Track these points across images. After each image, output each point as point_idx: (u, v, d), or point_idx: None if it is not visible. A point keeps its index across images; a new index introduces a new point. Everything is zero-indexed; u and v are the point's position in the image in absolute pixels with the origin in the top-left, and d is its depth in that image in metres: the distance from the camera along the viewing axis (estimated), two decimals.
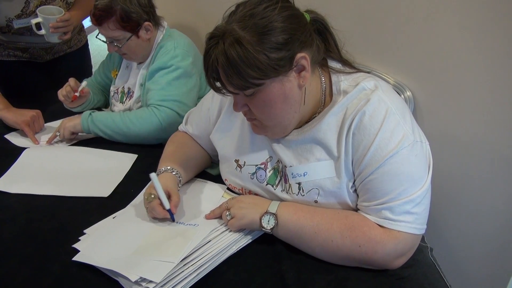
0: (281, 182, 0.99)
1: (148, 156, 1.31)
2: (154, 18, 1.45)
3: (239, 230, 0.95)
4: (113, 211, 1.06)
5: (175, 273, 0.83)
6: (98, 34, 1.44)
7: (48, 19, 1.52)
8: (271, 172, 1.00)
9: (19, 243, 0.97)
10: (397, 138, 0.84)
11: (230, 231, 0.95)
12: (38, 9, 1.54)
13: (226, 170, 1.09)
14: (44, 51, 1.78)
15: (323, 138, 0.91)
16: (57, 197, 1.13)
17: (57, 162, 1.29)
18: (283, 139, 0.96)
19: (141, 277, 0.81)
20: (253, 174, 1.02)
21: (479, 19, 1.04)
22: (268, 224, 0.91)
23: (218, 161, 1.13)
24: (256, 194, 1.03)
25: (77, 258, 0.89)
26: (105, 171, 1.25)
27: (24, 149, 1.34)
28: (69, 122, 1.39)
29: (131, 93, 1.53)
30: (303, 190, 0.94)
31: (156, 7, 1.47)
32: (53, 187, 1.16)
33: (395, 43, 1.22)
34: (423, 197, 0.85)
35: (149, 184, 1.04)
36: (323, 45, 0.92)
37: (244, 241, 0.94)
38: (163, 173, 1.06)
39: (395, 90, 1.11)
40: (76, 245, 0.94)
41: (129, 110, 1.52)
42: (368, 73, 0.95)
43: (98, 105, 1.67)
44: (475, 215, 1.24)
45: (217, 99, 1.10)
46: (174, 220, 0.99)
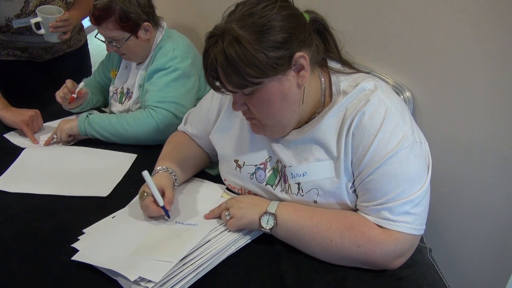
0: (280, 182, 0.99)
1: (147, 156, 1.31)
2: (153, 18, 1.44)
3: (238, 230, 0.95)
4: (112, 210, 1.06)
5: (174, 273, 0.83)
6: (97, 33, 1.43)
7: (47, 18, 1.52)
8: (271, 172, 1.00)
9: (18, 243, 0.97)
10: (397, 138, 0.84)
11: (229, 231, 0.95)
12: (37, 8, 1.54)
13: (225, 170, 1.09)
14: (43, 50, 1.77)
15: (323, 138, 0.91)
16: (56, 196, 1.13)
17: (56, 161, 1.28)
18: (283, 139, 0.96)
19: (140, 277, 0.81)
20: (252, 174, 1.02)
21: (479, 20, 1.04)
22: (267, 224, 0.91)
23: (217, 161, 1.13)
24: (255, 194, 1.03)
25: (76, 257, 0.89)
26: (104, 170, 1.24)
27: (23, 148, 1.34)
28: (66, 124, 1.37)
29: (130, 94, 1.53)
30: (302, 190, 0.94)
31: (155, 7, 1.47)
32: (52, 186, 1.16)
33: (394, 44, 1.23)
34: (422, 198, 0.85)
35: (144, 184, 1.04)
36: (323, 45, 0.92)
37: (243, 241, 0.94)
38: (158, 172, 1.06)
39: (394, 90, 1.12)
40: (75, 245, 0.94)
41: (128, 110, 1.52)
42: (367, 73, 0.95)
43: (97, 105, 1.67)
44: (474, 215, 1.24)
45: (216, 99, 1.10)
46: (169, 216, 0.98)
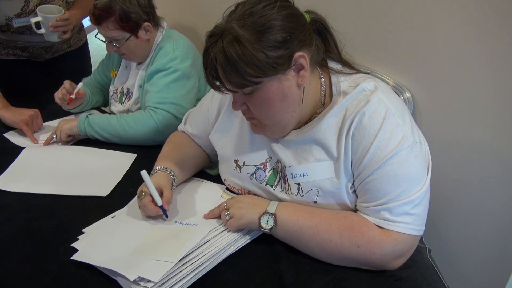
0: (280, 182, 0.99)
1: (147, 155, 1.31)
2: (153, 18, 1.44)
3: (238, 230, 0.95)
4: (112, 210, 1.05)
5: (173, 273, 0.83)
6: (97, 33, 1.43)
7: (47, 18, 1.52)
8: (270, 172, 1.00)
9: (17, 242, 0.97)
10: (397, 139, 0.84)
11: (228, 231, 0.95)
12: (37, 8, 1.53)
13: (225, 170, 1.08)
14: (43, 50, 1.77)
15: (323, 138, 0.91)
16: (56, 196, 1.13)
17: (56, 161, 1.28)
18: (283, 139, 0.96)
19: (139, 277, 0.81)
20: (252, 174, 1.02)
21: (480, 21, 1.04)
22: (267, 224, 0.91)
23: (217, 161, 1.13)
24: (255, 194, 1.03)
25: (75, 257, 0.89)
26: (104, 170, 1.24)
27: (23, 148, 1.34)
28: (66, 124, 1.37)
29: (130, 94, 1.53)
30: (302, 190, 0.94)
31: (156, 7, 1.46)
32: (52, 186, 1.16)
33: (395, 44, 1.23)
34: (422, 198, 0.85)
35: (143, 184, 1.04)
36: (323, 46, 0.92)
37: (242, 241, 0.94)
38: (157, 172, 1.06)
39: (394, 91, 1.12)
40: (74, 244, 0.94)
41: (128, 111, 1.52)
42: (367, 74, 0.95)
43: (97, 105, 1.67)
44: (474, 216, 1.24)
45: (216, 99, 1.10)
46: (167, 216, 0.98)
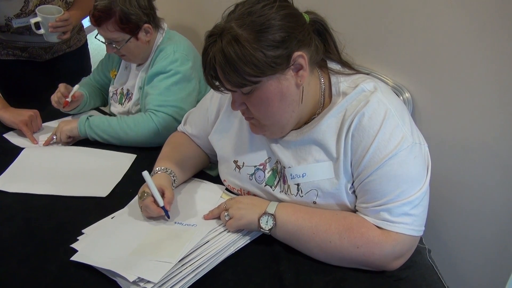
0: (279, 183, 0.99)
1: (147, 156, 1.31)
2: (154, 20, 1.43)
3: (238, 230, 0.95)
4: (111, 211, 1.06)
5: (173, 274, 0.83)
6: (97, 34, 1.43)
7: (47, 18, 1.52)
8: (270, 173, 1.00)
9: (17, 243, 0.97)
10: (396, 140, 0.84)
11: (228, 232, 0.95)
12: (37, 8, 1.53)
13: (224, 170, 1.09)
14: (43, 50, 1.77)
15: (322, 139, 0.91)
16: (56, 196, 1.12)
17: (55, 161, 1.28)
18: (282, 139, 0.96)
19: (139, 277, 0.81)
20: (251, 175, 1.02)
21: (480, 21, 1.04)
22: (266, 224, 0.91)
23: (216, 161, 1.13)
24: (254, 195, 1.03)
25: (75, 258, 0.89)
26: (103, 171, 1.24)
27: (22, 148, 1.34)
28: (66, 125, 1.37)
29: (130, 95, 1.52)
30: (301, 191, 0.94)
31: (156, 8, 1.45)
32: (51, 186, 1.16)
33: (394, 45, 1.23)
34: (421, 199, 0.85)
35: (144, 184, 1.04)
36: (322, 46, 0.92)
37: (242, 241, 0.94)
38: (157, 173, 1.06)
39: (394, 91, 1.12)
40: (74, 245, 0.94)
41: (128, 112, 1.52)
42: (367, 74, 0.95)
43: (96, 105, 1.66)
44: (474, 216, 1.24)
45: (216, 99, 1.10)
46: (169, 217, 0.99)
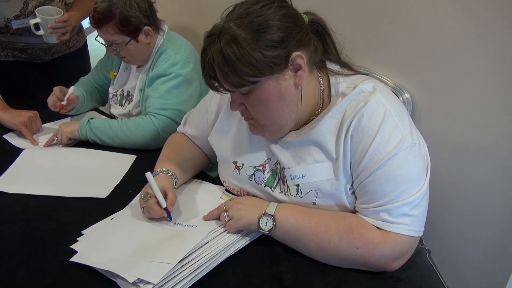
0: (279, 184, 0.99)
1: (147, 157, 1.31)
2: (154, 22, 1.42)
3: (237, 231, 0.95)
4: (111, 212, 1.05)
5: (173, 274, 0.83)
6: (97, 36, 1.43)
7: (46, 19, 1.52)
8: (269, 174, 1.00)
9: (17, 244, 0.97)
10: (395, 140, 0.84)
11: (228, 233, 0.95)
12: (36, 9, 1.53)
13: (224, 171, 1.09)
14: (43, 51, 1.77)
15: (322, 140, 0.91)
16: (55, 197, 1.12)
17: (55, 162, 1.28)
18: (281, 140, 0.96)
19: (138, 278, 0.81)
20: (251, 176, 1.02)
21: (479, 22, 1.04)
22: (266, 225, 0.91)
23: (216, 162, 1.13)
24: (254, 195, 1.03)
25: (74, 259, 0.89)
26: (103, 171, 1.24)
27: (22, 149, 1.34)
28: (67, 127, 1.37)
29: (131, 97, 1.52)
30: (301, 192, 0.94)
31: (157, 10, 1.45)
32: (51, 187, 1.16)
33: (394, 45, 1.23)
34: (421, 199, 0.85)
35: (146, 185, 1.04)
36: (322, 47, 0.92)
37: (242, 242, 0.94)
38: (158, 174, 1.06)
39: (393, 92, 1.12)
40: (74, 246, 0.94)
41: (129, 114, 1.52)
42: (366, 75, 0.95)
43: (93, 106, 1.66)
44: (474, 217, 1.24)
45: (215, 100, 1.10)
46: (171, 218, 0.99)
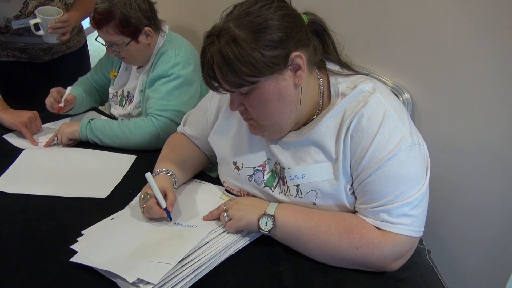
0: (279, 184, 0.99)
1: (146, 157, 1.31)
2: (154, 23, 1.42)
3: (237, 231, 0.95)
4: (111, 212, 1.06)
5: (172, 275, 0.83)
6: (97, 36, 1.43)
7: (46, 19, 1.52)
8: (269, 174, 1.00)
9: (17, 244, 0.97)
10: (395, 140, 0.84)
11: (228, 233, 0.95)
12: (36, 9, 1.53)
13: (224, 172, 1.09)
14: (43, 51, 1.77)
15: (321, 140, 0.91)
16: (55, 197, 1.12)
17: (55, 162, 1.28)
18: (281, 140, 0.96)
19: (138, 279, 0.81)
20: (251, 176, 1.02)
21: (479, 22, 1.04)
22: (266, 226, 0.91)
23: (216, 162, 1.13)
24: (254, 196, 1.03)
25: (74, 259, 0.89)
26: (103, 172, 1.24)
27: (22, 149, 1.34)
28: (68, 128, 1.37)
29: (131, 97, 1.52)
30: (301, 192, 0.94)
31: (157, 11, 1.45)
32: (51, 187, 1.16)
33: (394, 45, 1.23)
34: (421, 200, 0.85)
35: (146, 185, 1.04)
36: (321, 47, 0.92)
37: (242, 242, 0.94)
38: (158, 174, 1.06)
39: (393, 92, 1.12)
40: (73, 246, 0.94)
41: (129, 114, 1.52)
42: (366, 75, 0.95)
43: (92, 106, 1.66)
44: (473, 217, 1.24)
45: (215, 100, 1.10)
46: (171, 218, 0.99)
